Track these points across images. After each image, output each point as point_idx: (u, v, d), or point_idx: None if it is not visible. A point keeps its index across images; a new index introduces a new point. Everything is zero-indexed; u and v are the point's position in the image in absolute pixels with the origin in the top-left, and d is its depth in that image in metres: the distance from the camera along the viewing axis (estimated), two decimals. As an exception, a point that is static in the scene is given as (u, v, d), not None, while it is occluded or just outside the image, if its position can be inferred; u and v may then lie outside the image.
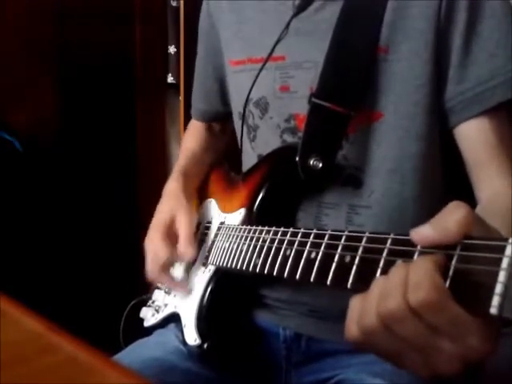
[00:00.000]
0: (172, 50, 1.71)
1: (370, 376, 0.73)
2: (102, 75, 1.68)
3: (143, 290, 0.98)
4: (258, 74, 0.80)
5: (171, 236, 0.84)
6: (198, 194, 0.97)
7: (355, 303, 0.46)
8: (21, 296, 0.45)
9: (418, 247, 0.44)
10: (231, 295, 0.81)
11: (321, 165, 0.73)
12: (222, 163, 1.01)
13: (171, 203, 0.88)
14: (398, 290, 0.41)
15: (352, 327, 0.45)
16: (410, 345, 0.42)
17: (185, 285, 0.84)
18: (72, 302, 1.51)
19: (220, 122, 1.05)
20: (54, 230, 1.58)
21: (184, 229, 0.83)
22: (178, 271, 0.92)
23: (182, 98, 1.50)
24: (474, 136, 0.73)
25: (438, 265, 0.40)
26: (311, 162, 0.73)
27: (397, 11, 0.73)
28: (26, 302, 0.42)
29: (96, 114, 1.69)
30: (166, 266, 0.83)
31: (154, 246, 0.84)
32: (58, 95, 1.61)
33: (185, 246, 0.81)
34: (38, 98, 1.57)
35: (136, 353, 0.82)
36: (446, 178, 0.80)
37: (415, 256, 0.44)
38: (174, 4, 1.68)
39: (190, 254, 0.80)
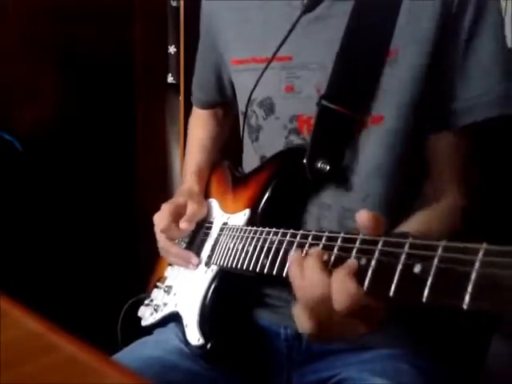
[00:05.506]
0: (172, 50, 1.71)
1: (372, 375, 0.73)
2: (102, 75, 1.68)
3: (141, 289, 0.98)
4: (262, 73, 0.79)
5: (178, 216, 0.87)
6: None
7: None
8: (21, 296, 0.45)
9: (439, 251, 0.44)
10: (233, 295, 0.81)
11: (328, 167, 0.73)
12: (222, 162, 1.01)
13: (191, 194, 0.92)
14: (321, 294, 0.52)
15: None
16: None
17: (192, 256, 0.86)
18: (70, 299, 1.51)
19: (222, 107, 1.06)
20: (54, 229, 1.58)
21: (190, 211, 0.87)
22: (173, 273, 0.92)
23: (181, 98, 1.50)
24: (445, 146, 0.76)
25: (351, 272, 0.50)
26: (319, 165, 0.74)
27: (408, 16, 0.73)
28: (26, 302, 0.42)
29: (96, 113, 1.69)
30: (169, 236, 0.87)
31: (159, 216, 0.87)
32: (58, 95, 1.61)
33: (185, 221, 0.86)
34: (38, 98, 1.57)
35: (136, 352, 0.81)
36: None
37: (435, 260, 0.44)
38: (173, 4, 1.67)
39: (184, 230, 0.86)
